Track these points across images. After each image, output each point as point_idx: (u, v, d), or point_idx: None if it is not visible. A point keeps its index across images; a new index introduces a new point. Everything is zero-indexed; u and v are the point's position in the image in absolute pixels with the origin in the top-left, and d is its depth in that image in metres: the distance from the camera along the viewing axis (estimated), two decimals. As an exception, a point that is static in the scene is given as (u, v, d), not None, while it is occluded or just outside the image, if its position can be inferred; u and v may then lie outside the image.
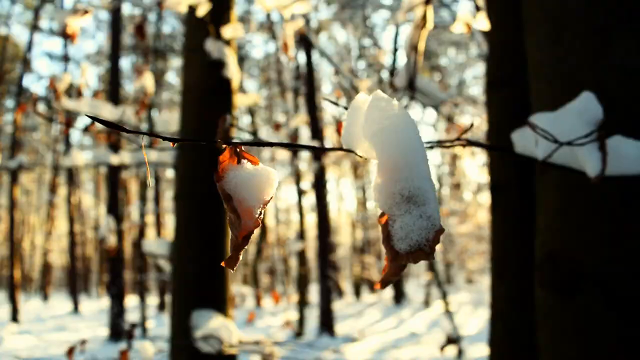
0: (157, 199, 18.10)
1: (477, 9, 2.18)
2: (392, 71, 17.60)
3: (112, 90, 11.90)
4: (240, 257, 0.59)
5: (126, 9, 17.25)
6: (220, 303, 3.22)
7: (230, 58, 3.47)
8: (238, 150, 0.57)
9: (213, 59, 3.40)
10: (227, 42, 3.54)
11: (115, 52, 12.37)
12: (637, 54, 1.32)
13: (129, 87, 19.41)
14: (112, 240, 3.93)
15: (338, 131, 1.30)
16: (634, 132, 1.27)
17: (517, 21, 1.95)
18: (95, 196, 27.30)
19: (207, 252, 3.29)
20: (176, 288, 3.28)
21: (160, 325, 14.92)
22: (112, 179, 12.21)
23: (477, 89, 20.72)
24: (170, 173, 23.48)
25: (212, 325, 2.67)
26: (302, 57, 15.34)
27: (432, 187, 0.57)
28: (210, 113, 3.38)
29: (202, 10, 3.16)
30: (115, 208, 11.99)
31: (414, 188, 0.56)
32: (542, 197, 1.49)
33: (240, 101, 3.87)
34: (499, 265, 1.96)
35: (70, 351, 2.74)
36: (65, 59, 17.35)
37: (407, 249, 0.57)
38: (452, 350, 9.85)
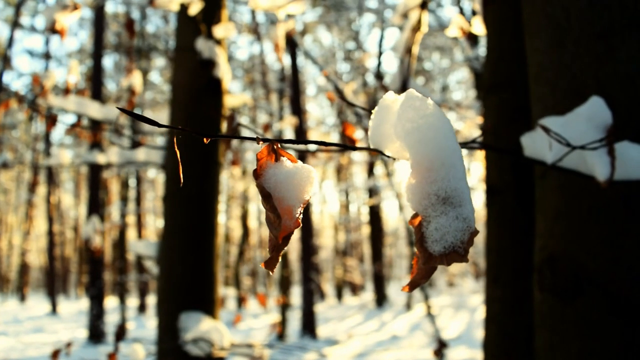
0: (138, 200, 17.91)
1: (474, 13, 2.18)
2: (377, 74, 17.67)
3: (95, 88, 11.75)
4: (280, 259, 0.57)
5: (110, 8, 17.05)
6: (208, 305, 3.18)
7: (221, 58, 3.44)
8: (276, 147, 0.55)
9: (204, 58, 3.37)
10: (218, 42, 3.50)
11: (98, 50, 12.23)
12: None
13: (111, 86, 19.19)
14: (97, 241, 3.86)
15: (344, 132, 1.28)
16: (637, 137, 1.28)
17: (515, 25, 1.96)
18: (75, 196, 26.91)
19: (196, 253, 3.25)
20: (163, 289, 3.23)
21: (140, 327, 14.75)
22: (93, 178, 12.05)
23: (460, 93, 20.90)
24: (152, 174, 23.24)
25: (202, 327, 2.64)
26: (287, 59, 15.33)
27: (468, 188, 0.56)
28: (202, 113, 3.34)
29: (194, 8, 3.13)
30: (96, 208, 11.83)
31: (451, 189, 0.55)
32: (543, 200, 1.49)
33: (230, 102, 3.84)
34: (495, 268, 1.96)
35: (55, 354, 2.68)
36: (47, 56, 17.10)
37: (442, 251, 0.56)
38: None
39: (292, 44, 12.16)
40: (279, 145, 0.55)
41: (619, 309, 1.28)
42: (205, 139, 0.65)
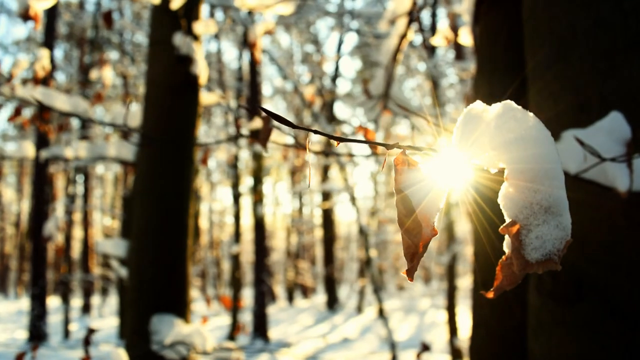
0: (85, 197, 17.30)
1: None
2: (334, 78, 17.79)
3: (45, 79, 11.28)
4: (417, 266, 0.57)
5: (61, -4, 16.40)
6: (180, 307, 3.11)
7: (199, 54, 3.38)
8: (405, 154, 0.55)
9: (181, 54, 3.30)
10: (196, 38, 3.45)
11: (49, 40, 11.77)
12: (640, 77, 1.40)
13: (60, 78, 18.52)
14: (60, 238, 3.69)
15: (365, 137, 1.28)
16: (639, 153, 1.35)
17: (508, 38, 2.02)
18: (17, 190, 25.72)
19: (168, 254, 3.18)
20: (134, 291, 3.13)
21: (84, 328, 14.24)
22: (38, 173, 11.56)
23: (415, 100, 21.29)
24: (100, 170, 22.53)
25: (183, 330, 2.58)
26: (245, 59, 15.20)
27: (566, 198, 0.58)
28: (178, 110, 3.27)
29: (176, 3, 3.06)
30: (41, 204, 11.36)
31: (553, 198, 0.57)
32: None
33: (205, 100, 3.78)
34: (484, 273, 2.02)
35: (20, 357, 2.56)
36: (-8, 43, 16.29)
37: (540, 258, 0.58)
38: (385, 356, 10.04)
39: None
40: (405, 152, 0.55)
41: (619, 313, 1.34)
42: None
